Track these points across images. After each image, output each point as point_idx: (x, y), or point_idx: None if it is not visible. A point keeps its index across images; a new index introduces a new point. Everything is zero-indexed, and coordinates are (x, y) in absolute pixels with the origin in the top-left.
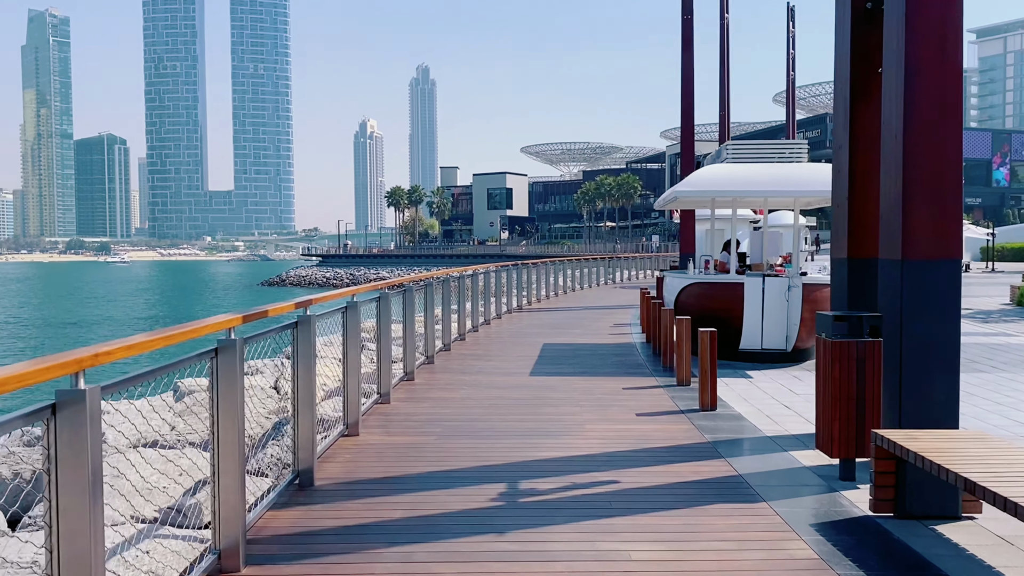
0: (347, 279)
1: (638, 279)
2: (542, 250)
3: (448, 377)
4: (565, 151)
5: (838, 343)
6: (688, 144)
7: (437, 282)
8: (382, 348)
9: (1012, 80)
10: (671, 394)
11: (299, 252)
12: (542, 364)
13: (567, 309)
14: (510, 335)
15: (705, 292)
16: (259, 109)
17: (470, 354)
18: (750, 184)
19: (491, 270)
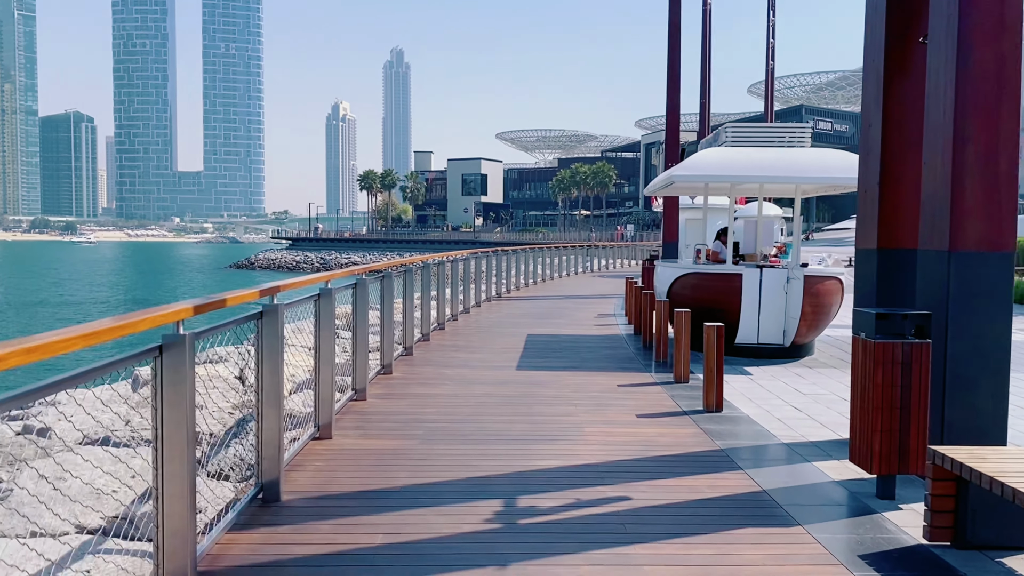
0: (318, 263)
1: (616, 268)
2: (517, 237)
3: (429, 371)
4: (540, 138)
5: (882, 344)
6: (673, 130)
7: (417, 268)
8: (358, 340)
9: None
10: (670, 392)
11: (269, 235)
12: (529, 357)
13: (548, 298)
14: (492, 324)
15: (700, 283)
16: (230, 89)
17: (451, 345)
18: (751, 169)
19: (470, 256)
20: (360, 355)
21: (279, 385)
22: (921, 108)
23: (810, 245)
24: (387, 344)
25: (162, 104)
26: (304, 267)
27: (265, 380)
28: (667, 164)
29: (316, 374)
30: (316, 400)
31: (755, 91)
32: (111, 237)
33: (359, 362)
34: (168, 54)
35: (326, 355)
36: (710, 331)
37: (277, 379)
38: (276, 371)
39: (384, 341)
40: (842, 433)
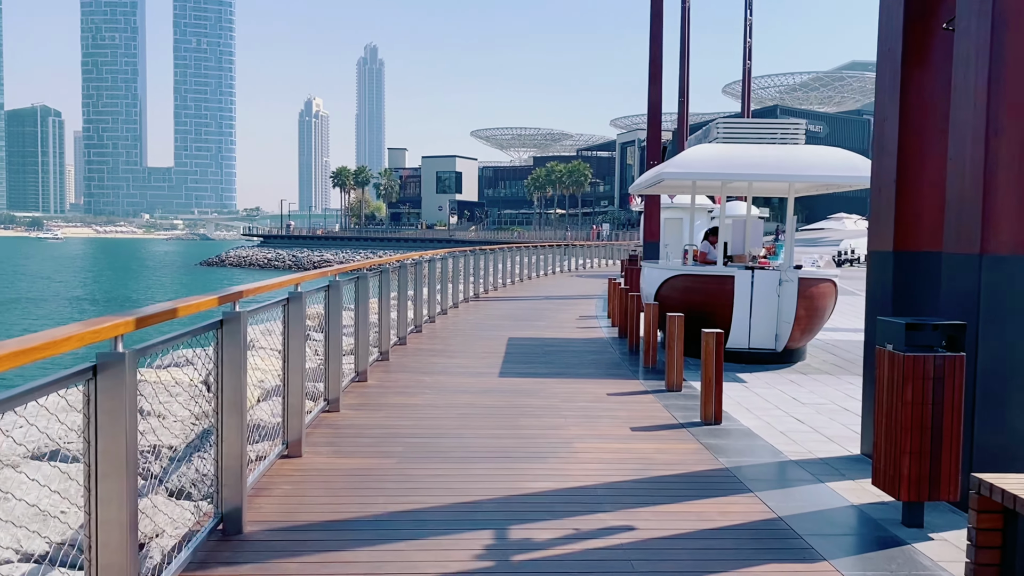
0: (290, 261)
1: (594, 267)
2: (492, 235)
3: (406, 378)
4: (515, 136)
5: (912, 358)
6: (655, 127)
7: (393, 268)
8: (331, 347)
9: None
10: (663, 402)
11: (240, 232)
12: (511, 363)
13: (527, 298)
14: (471, 327)
15: (691, 285)
16: (201, 84)
17: (429, 349)
18: (743, 166)
19: (447, 255)
20: (333, 363)
21: (241, 404)
22: (941, 100)
23: None
24: (362, 349)
25: (132, 99)
26: (276, 265)
27: (225, 398)
28: (648, 161)
29: (285, 387)
30: (284, 415)
31: (730, 91)
32: (79, 233)
33: (332, 371)
34: (138, 48)
35: (296, 366)
36: (709, 338)
37: (239, 396)
38: (238, 387)
39: (359, 346)
40: (851, 448)
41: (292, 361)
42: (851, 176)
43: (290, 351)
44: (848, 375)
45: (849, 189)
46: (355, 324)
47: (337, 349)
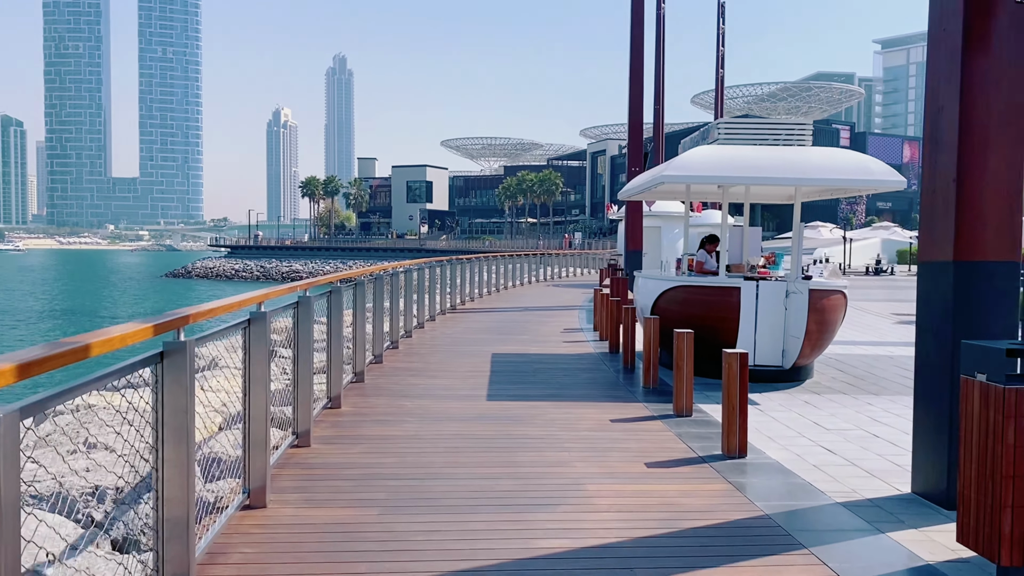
0: (258, 271)
1: (570, 276)
2: (463, 245)
3: (385, 403)
4: (486, 146)
5: (1017, 392)
6: (636, 131)
7: (368, 280)
8: (301, 372)
9: (914, 90)
10: (676, 430)
11: (207, 243)
12: (499, 383)
13: (506, 310)
14: (450, 342)
15: (691, 297)
16: (167, 94)
17: (407, 368)
18: (747, 169)
19: (424, 266)
20: (303, 390)
21: (186, 452)
22: (1008, 87)
23: None
24: (335, 372)
25: (96, 108)
26: (244, 276)
27: (167, 447)
28: (630, 168)
29: (246, 426)
30: (246, 459)
31: (698, 102)
32: (42, 244)
33: (302, 399)
34: (102, 57)
35: (259, 402)
36: (731, 359)
37: (183, 449)
38: (181, 436)
39: (331, 369)
40: (898, 485)
41: (255, 396)
42: (864, 180)
43: (252, 384)
44: (864, 394)
45: (859, 193)
46: (327, 344)
47: (307, 375)
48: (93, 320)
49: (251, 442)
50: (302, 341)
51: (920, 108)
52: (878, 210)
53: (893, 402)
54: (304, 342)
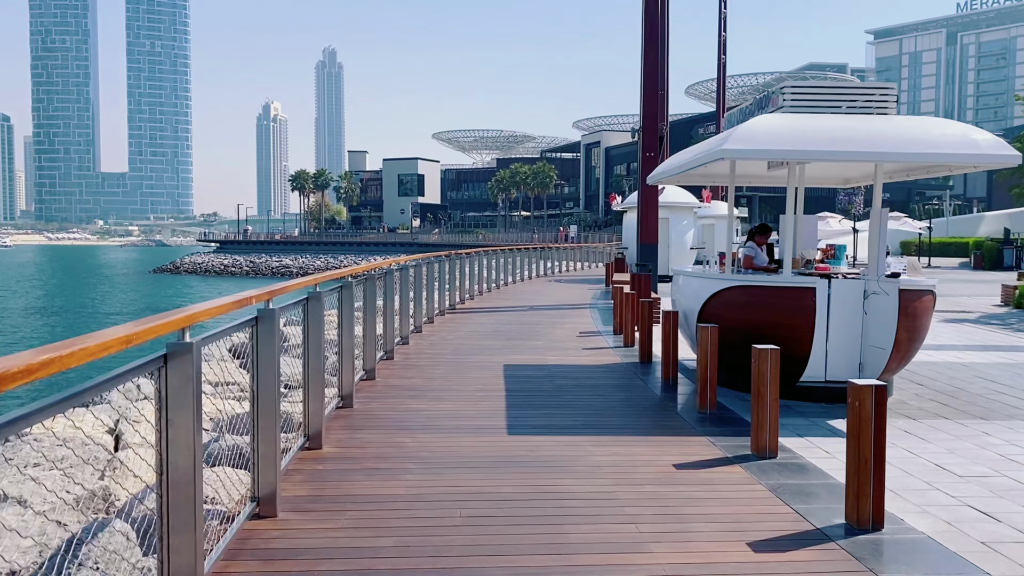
0: (247, 266)
1: (571, 271)
2: (456, 238)
3: (379, 440)
4: (478, 139)
5: None
6: (652, 117)
7: (358, 281)
8: (261, 410)
9: (906, 80)
10: (765, 480)
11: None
12: (519, 408)
13: (510, 310)
14: (453, 351)
15: (755, 301)
16: (156, 88)
17: (406, 387)
18: (825, 142)
19: (421, 262)
20: (264, 439)
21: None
22: None
23: None
24: (314, 402)
25: (84, 103)
26: (233, 271)
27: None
28: (645, 153)
29: (193, 487)
30: (192, 542)
31: (693, 92)
32: (30, 240)
33: (265, 446)
34: (89, 51)
35: (180, 474)
36: (863, 392)
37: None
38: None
39: (309, 398)
40: None
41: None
42: (968, 154)
43: (169, 448)
44: (971, 419)
45: (961, 171)
46: (304, 365)
47: (270, 411)
48: (80, 317)
49: (195, 517)
50: (263, 373)
51: (912, 98)
52: None
53: (1013, 430)
54: (265, 374)
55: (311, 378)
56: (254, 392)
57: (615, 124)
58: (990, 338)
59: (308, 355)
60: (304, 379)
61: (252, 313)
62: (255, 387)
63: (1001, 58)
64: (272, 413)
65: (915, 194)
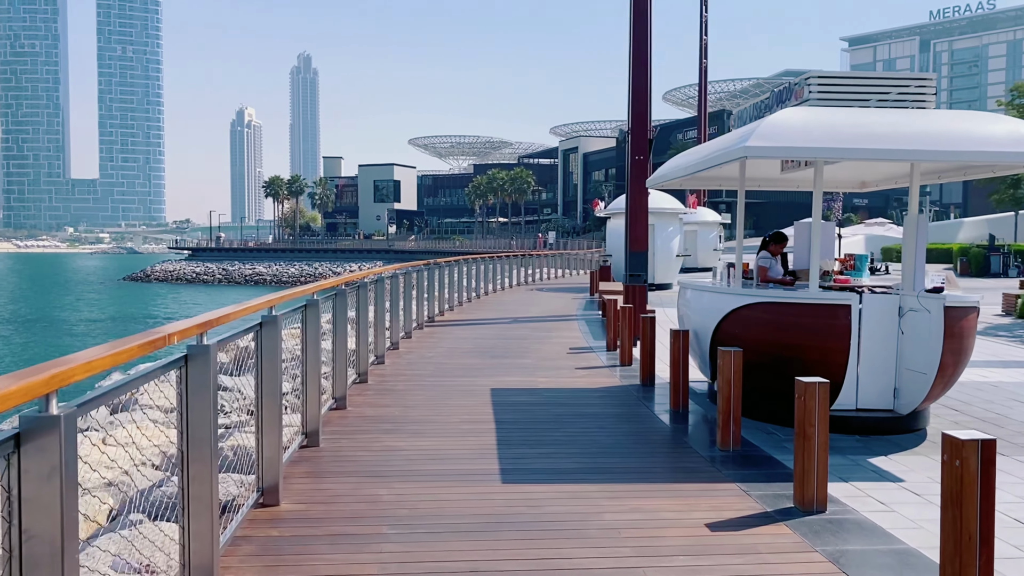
0: (220, 274)
1: (552, 278)
2: (433, 245)
3: (349, 493)
4: (454, 144)
5: None
6: (640, 118)
7: (323, 297)
8: (191, 475)
9: None
10: (821, 546)
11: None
12: (513, 446)
13: (492, 322)
14: (434, 372)
15: (781, 319)
16: (127, 93)
17: (380, 419)
18: (856, 139)
19: (398, 273)
20: (198, 515)
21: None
22: None
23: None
24: (269, 447)
25: (53, 108)
26: (205, 279)
27: None
28: (633, 156)
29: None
30: None
31: (670, 98)
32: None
33: (198, 523)
34: (59, 56)
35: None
36: (968, 451)
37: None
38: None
39: (264, 441)
40: None
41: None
42: (1020, 153)
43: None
44: None
45: (1012, 172)
46: (257, 403)
47: (205, 474)
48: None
49: None
50: (194, 432)
51: None
52: (854, 207)
53: None
54: (197, 432)
55: (265, 425)
56: (184, 472)
57: (593, 130)
58: (1007, 352)
59: (262, 403)
60: (257, 427)
61: (181, 351)
62: (184, 447)
63: (973, 65)
64: (208, 496)
65: (893, 200)
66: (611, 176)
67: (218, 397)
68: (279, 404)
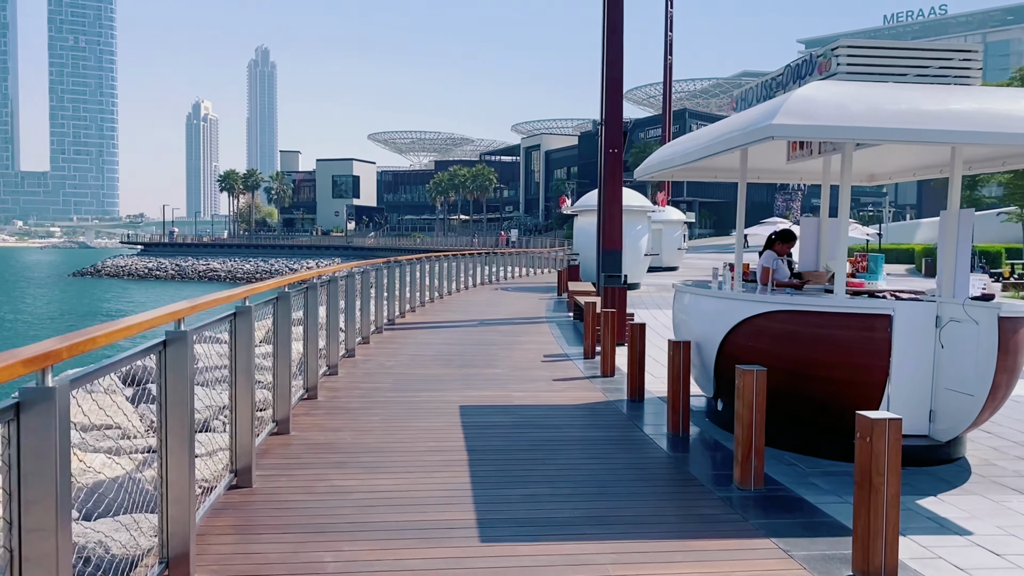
0: (173, 270)
1: (517, 278)
2: (393, 242)
3: (283, 558)
4: (415, 140)
5: None
6: (614, 108)
7: (262, 304)
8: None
9: None
10: None
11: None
12: (489, 483)
13: (457, 325)
14: (394, 385)
15: (804, 331)
16: (80, 84)
17: (329, 447)
18: (897, 117)
19: (355, 271)
20: None
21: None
22: None
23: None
24: (175, 507)
25: (2, 98)
26: (158, 274)
27: None
28: (607, 149)
29: None
30: None
31: (631, 97)
32: None
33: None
34: (8, 45)
35: None
36: None
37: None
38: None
39: (169, 491)
40: None
41: None
42: None
43: None
44: None
45: None
46: (160, 435)
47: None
48: None
49: None
50: None
51: None
52: (813, 207)
53: None
54: None
55: (171, 459)
56: (162, 428)
57: (555, 128)
58: None
59: (166, 438)
60: (160, 460)
61: None
62: (163, 420)
63: None
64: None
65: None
66: (573, 174)
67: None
68: (189, 437)
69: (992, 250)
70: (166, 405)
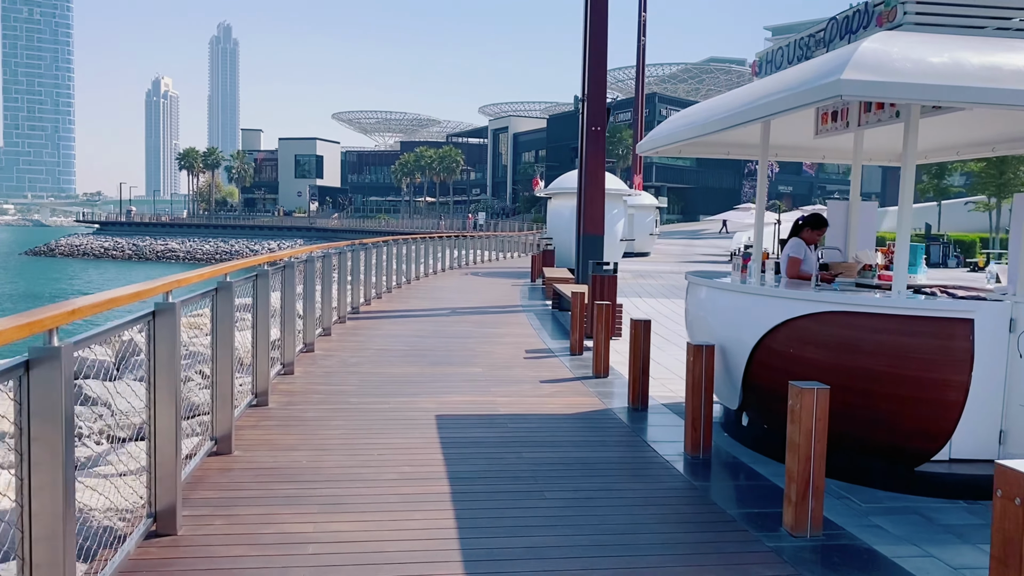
0: (130, 250)
1: (487, 262)
2: (357, 224)
3: None
4: (381, 120)
5: None
6: (598, 84)
7: (198, 295)
8: None
9: None
10: None
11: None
12: (479, 529)
13: (428, 314)
14: (358, 388)
15: (861, 335)
16: (34, 58)
17: (279, 473)
18: (989, 77)
19: (316, 256)
20: None
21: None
22: None
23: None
24: (47, 548)
25: None
26: (114, 254)
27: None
28: (591, 128)
29: None
30: None
31: None
32: None
33: None
34: None
35: None
36: None
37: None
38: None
39: (32, 546)
40: None
41: None
42: None
43: None
44: None
45: None
46: (18, 472)
47: None
48: None
49: None
50: None
51: None
52: (779, 193)
53: None
54: None
55: (34, 504)
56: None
57: (522, 111)
58: None
59: (28, 460)
60: (19, 505)
61: None
62: None
63: None
64: None
65: (816, 188)
66: (542, 158)
67: None
68: (64, 476)
69: (967, 239)
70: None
